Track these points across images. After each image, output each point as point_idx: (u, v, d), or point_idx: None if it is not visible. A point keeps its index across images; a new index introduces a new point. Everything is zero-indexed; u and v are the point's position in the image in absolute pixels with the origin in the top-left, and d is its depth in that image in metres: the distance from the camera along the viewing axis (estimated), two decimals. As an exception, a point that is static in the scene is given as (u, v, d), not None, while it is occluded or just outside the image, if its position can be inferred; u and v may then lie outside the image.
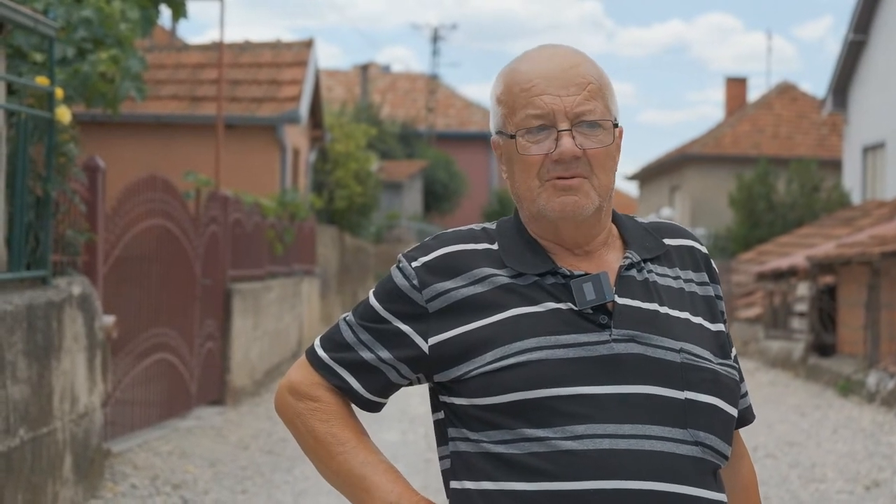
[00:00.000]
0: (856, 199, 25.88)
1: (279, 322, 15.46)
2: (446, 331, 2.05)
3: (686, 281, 2.15)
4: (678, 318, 2.08)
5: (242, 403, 12.67)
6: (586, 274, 2.05)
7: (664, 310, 2.07)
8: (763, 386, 15.99)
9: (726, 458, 2.08)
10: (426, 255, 2.10)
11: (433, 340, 2.06)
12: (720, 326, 2.15)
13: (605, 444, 1.94)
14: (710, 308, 2.15)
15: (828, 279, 17.54)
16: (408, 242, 35.19)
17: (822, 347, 17.12)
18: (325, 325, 21.94)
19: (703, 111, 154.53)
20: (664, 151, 40.81)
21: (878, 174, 25.09)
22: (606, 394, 1.97)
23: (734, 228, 28.57)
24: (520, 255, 2.08)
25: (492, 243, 2.11)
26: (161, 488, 8.14)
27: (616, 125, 2.09)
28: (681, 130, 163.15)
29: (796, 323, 18.81)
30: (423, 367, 2.09)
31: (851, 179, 26.57)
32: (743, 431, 2.28)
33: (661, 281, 2.11)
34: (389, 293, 2.11)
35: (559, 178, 2.03)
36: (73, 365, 7.18)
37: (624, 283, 2.07)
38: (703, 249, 2.22)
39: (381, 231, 34.83)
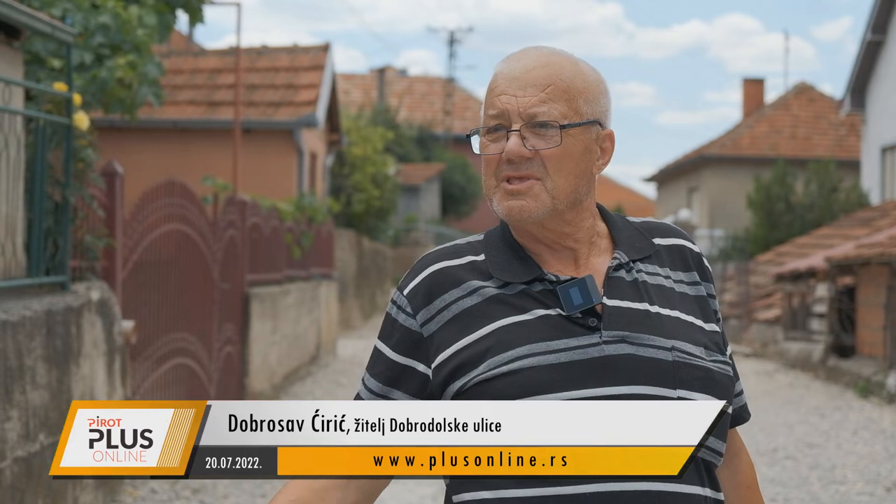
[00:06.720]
0: (874, 199, 25.77)
1: (297, 326, 15.48)
2: (442, 351, 2.04)
3: (676, 281, 2.13)
4: (669, 315, 2.06)
5: (261, 407, 12.67)
6: (573, 279, 2.05)
7: (654, 309, 2.06)
8: (782, 387, 15.95)
9: (721, 455, 2.08)
10: (414, 279, 2.11)
11: (434, 363, 2.05)
12: (714, 326, 2.13)
13: None
14: (702, 308, 2.13)
15: (847, 280, 17.48)
16: (425, 246, 35.20)
17: (842, 349, 17.06)
18: (342, 329, 21.93)
19: (722, 112, 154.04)
20: (682, 153, 40.73)
21: (897, 174, 24.99)
22: (599, 396, 1.95)
23: (752, 230, 28.49)
24: (506, 265, 2.08)
25: (477, 255, 2.11)
26: (181, 493, 8.16)
27: (566, 126, 2.03)
28: (699, 132, 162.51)
29: (815, 324, 18.75)
30: (429, 394, 2.07)
31: (870, 180, 26.47)
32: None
33: (651, 280, 2.10)
34: (390, 329, 2.12)
35: (509, 178, 2.04)
36: (92, 370, 7.21)
37: (612, 285, 2.06)
38: (696, 249, 2.20)
39: (398, 234, 34.85)
